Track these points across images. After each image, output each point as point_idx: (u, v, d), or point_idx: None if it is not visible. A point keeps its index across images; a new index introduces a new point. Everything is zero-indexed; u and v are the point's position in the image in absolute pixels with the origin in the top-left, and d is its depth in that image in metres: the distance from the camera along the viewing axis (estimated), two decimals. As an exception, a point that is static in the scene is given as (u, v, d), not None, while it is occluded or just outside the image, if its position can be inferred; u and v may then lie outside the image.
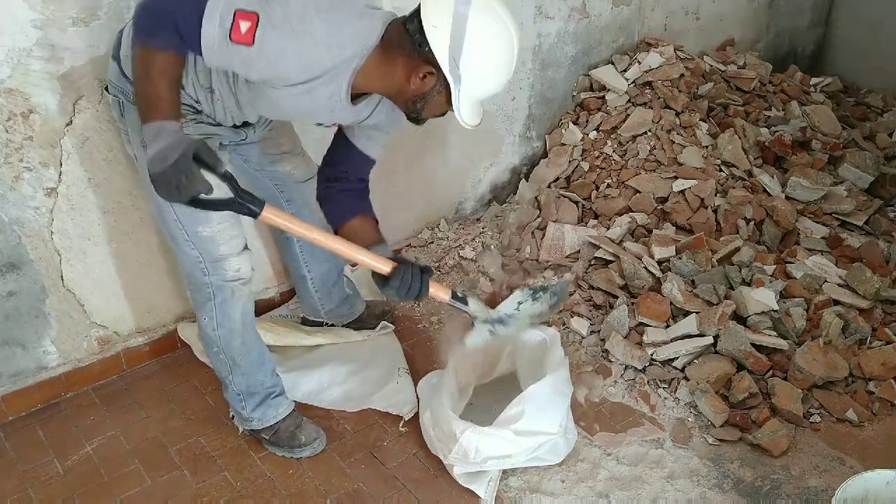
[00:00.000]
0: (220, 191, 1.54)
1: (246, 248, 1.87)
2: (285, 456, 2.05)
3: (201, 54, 1.49)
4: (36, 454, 2.08)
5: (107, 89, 1.77)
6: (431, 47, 1.50)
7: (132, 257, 2.27)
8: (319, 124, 1.78)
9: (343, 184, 1.86)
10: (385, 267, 1.70)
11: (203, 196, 1.51)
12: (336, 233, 1.82)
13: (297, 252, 2.29)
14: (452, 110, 1.60)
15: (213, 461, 2.05)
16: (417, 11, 1.53)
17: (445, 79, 1.54)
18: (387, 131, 1.84)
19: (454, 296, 1.80)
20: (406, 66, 1.55)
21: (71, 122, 2.01)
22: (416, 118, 1.67)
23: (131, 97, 1.66)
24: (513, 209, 3.05)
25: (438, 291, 1.78)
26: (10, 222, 2.02)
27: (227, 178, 1.56)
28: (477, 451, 1.86)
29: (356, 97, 1.64)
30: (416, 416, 2.14)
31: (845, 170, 3.07)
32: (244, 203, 1.57)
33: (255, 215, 1.59)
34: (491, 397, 2.12)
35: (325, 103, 1.60)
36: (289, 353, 2.37)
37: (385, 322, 2.50)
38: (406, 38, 1.54)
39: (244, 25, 1.43)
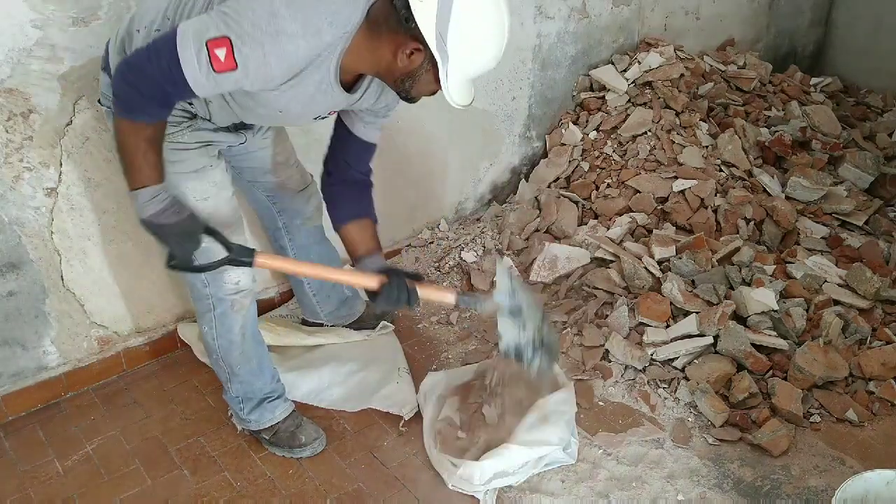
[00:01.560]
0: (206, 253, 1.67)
1: None
2: (285, 456, 2.05)
3: (194, 95, 1.50)
4: (36, 454, 2.08)
5: (99, 101, 1.77)
6: (417, 22, 1.44)
7: (132, 257, 2.27)
8: (317, 117, 1.75)
9: (346, 176, 1.86)
10: (372, 283, 1.72)
11: (197, 263, 1.63)
12: (338, 233, 1.87)
13: (292, 258, 2.29)
14: (441, 89, 1.54)
15: (213, 461, 2.05)
16: None
17: (433, 56, 1.48)
18: (383, 114, 1.81)
19: (461, 296, 1.78)
20: (392, 42, 1.50)
21: (71, 122, 2.01)
22: (406, 97, 1.62)
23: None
24: (513, 209, 3.05)
25: (440, 296, 1.78)
26: (10, 222, 2.02)
27: (214, 234, 1.65)
28: (482, 473, 1.87)
29: (350, 83, 1.62)
30: (417, 416, 2.14)
31: (845, 170, 3.07)
32: (237, 258, 1.66)
33: (249, 265, 1.67)
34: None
35: (314, 92, 1.57)
36: (288, 353, 2.37)
37: (385, 322, 2.50)
38: (392, 13, 1.48)
39: (220, 53, 1.42)
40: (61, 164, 2.04)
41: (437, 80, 1.51)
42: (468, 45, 1.48)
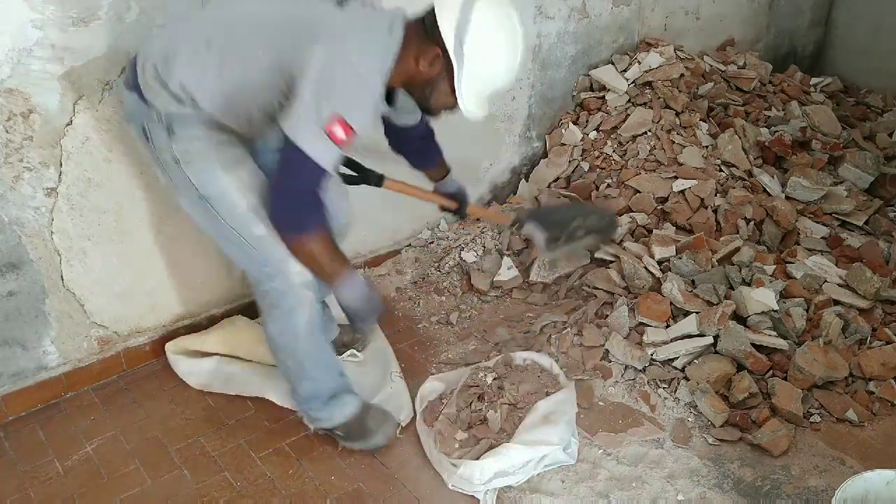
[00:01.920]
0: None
1: None
2: (362, 449, 2.03)
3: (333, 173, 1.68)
4: (36, 454, 2.08)
5: (128, 122, 1.85)
6: (439, 25, 1.60)
7: (132, 257, 2.27)
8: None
9: (404, 142, 2.14)
10: (454, 204, 2.24)
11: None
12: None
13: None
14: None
15: (213, 461, 2.05)
16: None
17: (451, 63, 1.63)
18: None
19: (514, 222, 2.28)
20: (417, 51, 1.65)
21: (71, 122, 2.01)
22: (427, 107, 1.78)
23: (156, 118, 1.73)
24: (513, 209, 3.05)
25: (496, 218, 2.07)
26: (10, 222, 2.02)
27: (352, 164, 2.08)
28: (482, 472, 1.87)
29: (388, 97, 1.77)
30: (416, 416, 2.14)
31: (845, 170, 3.07)
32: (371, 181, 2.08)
33: (379, 186, 2.08)
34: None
35: (376, 112, 1.72)
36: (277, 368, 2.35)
37: (353, 350, 2.40)
38: (420, 27, 1.65)
39: (338, 131, 1.57)
40: (61, 164, 2.04)
41: (454, 90, 1.66)
42: (483, 51, 1.62)
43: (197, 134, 1.74)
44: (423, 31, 1.65)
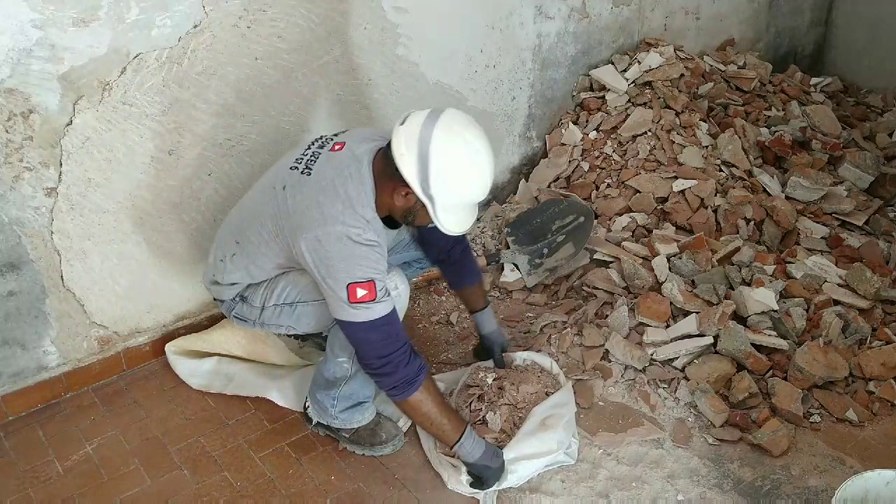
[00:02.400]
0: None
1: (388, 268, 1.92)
2: (366, 454, 2.04)
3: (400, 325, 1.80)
4: (36, 454, 2.08)
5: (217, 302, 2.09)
6: (402, 173, 1.68)
7: (132, 257, 2.27)
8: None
9: (443, 258, 2.17)
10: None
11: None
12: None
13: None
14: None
15: (213, 461, 2.05)
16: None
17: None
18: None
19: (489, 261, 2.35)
20: (391, 186, 1.74)
21: (71, 122, 2.01)
22: (414, 226, 1.89)
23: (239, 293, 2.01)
24: (513, 209, 3.05)
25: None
26: (10, 222, 2.02)
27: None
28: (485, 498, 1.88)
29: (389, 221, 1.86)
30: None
31: (845, 170, 3.07)
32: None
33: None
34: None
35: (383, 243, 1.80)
36: (277, 368, 2.36)
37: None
38: (389, 161, 1.72)
39: (360, 292, 1.68)
40: (61, 164, 2.04)
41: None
42: (450, 188, 1.70)
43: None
44: (390, 164, 1.71)
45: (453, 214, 1.76)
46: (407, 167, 1.67)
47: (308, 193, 1.75)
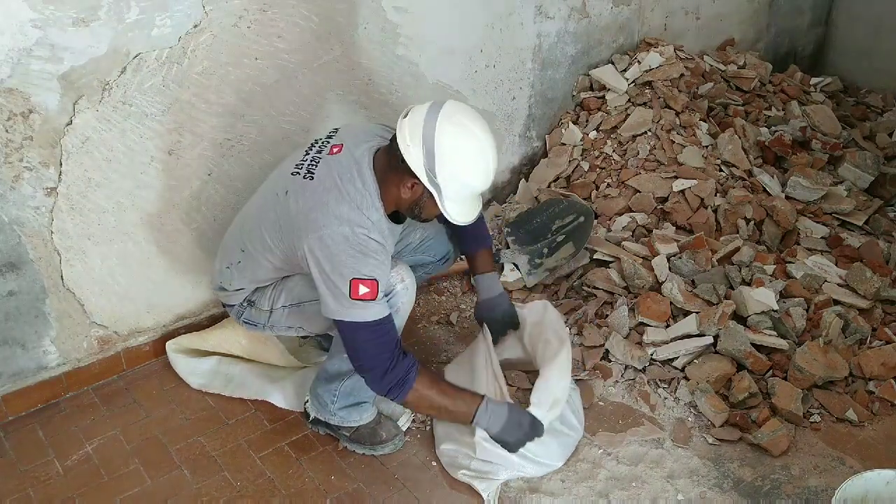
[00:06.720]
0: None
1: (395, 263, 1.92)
2: (365, 453, 2.04)
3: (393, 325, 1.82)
4: (36, 454, 2.08)
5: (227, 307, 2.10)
6: (409, 164, 1.72)
7: (132, 257, 2.27)
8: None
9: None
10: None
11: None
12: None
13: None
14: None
15: (213, 461, 2.05)
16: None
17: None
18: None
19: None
20: (396, 179, 1.78)
21: (71, 122, 2.01)
22: (420, 220, 1.90)
23: (247, 298, 2.03)
24: (513, 209, 3.05)
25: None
26: (10, 222, 2.02)
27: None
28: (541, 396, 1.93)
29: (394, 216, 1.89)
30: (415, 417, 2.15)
31: (845, 170, 3.07)
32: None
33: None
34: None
35: (390, 238, 1.85)
36: (278, 369, 2.36)
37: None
38: (392, 157, 1.76)
39: (362, 289, 1.70)
40: (61, 164, 2.04)
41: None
42: (456, 176, 1.74)
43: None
44: (395, 157, 1.74)
45: (459, 204, 1.81)
46: (413, 157, 1.71)
47: (312, 196, 1.77)
